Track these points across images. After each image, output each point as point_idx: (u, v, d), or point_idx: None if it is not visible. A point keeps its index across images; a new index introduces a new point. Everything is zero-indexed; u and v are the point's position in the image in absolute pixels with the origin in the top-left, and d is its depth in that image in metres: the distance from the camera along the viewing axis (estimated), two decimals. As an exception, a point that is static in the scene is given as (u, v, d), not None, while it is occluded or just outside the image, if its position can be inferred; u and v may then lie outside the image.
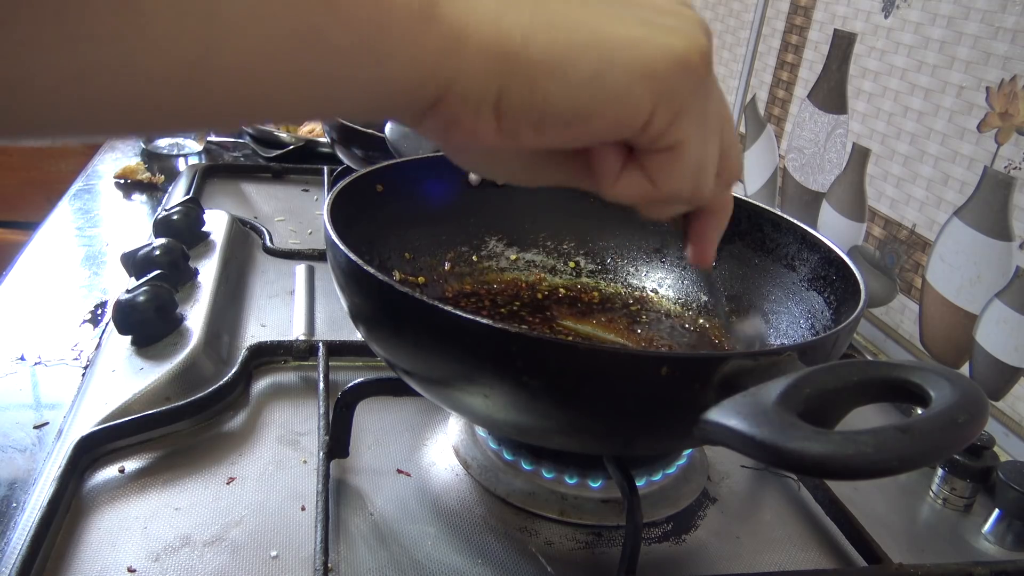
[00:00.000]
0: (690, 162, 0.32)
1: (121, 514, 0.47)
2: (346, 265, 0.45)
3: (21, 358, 0.62)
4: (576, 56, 0.28)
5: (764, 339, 0.58)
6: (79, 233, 0.85)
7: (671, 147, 0.31)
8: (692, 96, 0.30)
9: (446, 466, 0.54)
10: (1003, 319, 0.64)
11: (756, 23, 0.99)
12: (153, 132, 0.25)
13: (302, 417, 0.58)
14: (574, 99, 0.28)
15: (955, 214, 0.69)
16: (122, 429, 0.52)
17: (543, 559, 0.48)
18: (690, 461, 0.55)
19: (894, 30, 0.76)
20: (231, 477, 0.51)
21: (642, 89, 0.29)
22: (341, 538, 0.47)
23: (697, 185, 0.33)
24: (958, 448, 0.31)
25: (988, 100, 0.66)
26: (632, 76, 0.28)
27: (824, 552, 0.52)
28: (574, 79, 0.28)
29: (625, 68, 0.28)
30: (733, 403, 0.32)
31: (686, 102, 0.30)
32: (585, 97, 0.28)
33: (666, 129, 0.30)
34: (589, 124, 0.29)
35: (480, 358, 0.41)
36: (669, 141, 0.31)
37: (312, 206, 0.96)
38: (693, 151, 0.32)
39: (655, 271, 0.66)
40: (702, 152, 0.32)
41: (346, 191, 0.53)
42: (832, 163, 0.85)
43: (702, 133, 0.32)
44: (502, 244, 0.67)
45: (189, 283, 0.69)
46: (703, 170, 0.33)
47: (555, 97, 0.28)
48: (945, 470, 0.58)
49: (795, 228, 0.58)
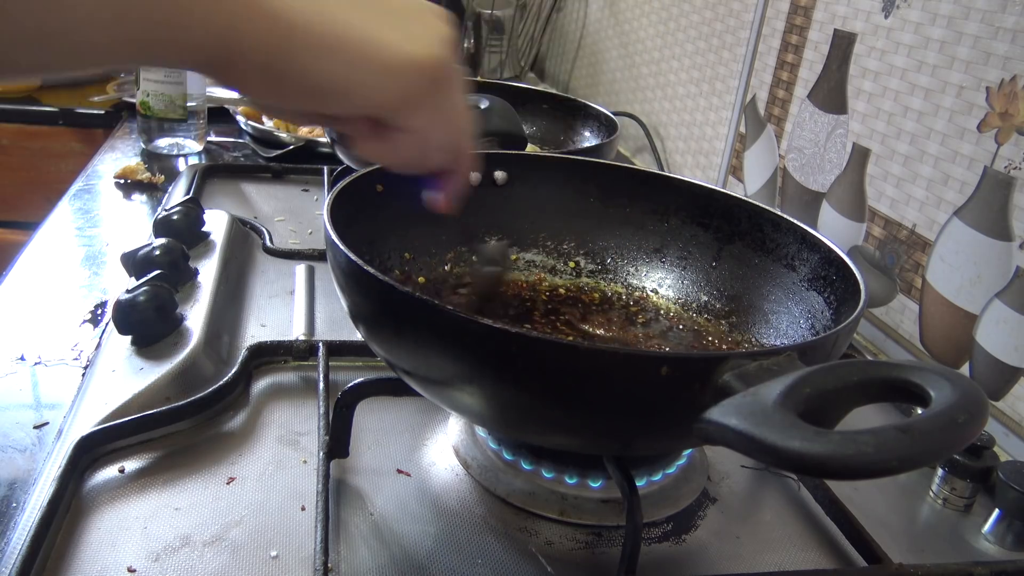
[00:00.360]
0: (419, 142, 0.42)
1: (121, 514, 0.47)
2: (346, 265, 0.45)
3: (21, 358, 0.62)
4: (340, 47, 0.36)
5: (506, 255, 0.64)
6: (79, 233, 0.85)
7: (405, 129, 0.41)
8: (427, 95, 0.40)
9: (446, 466, 0.54)
10: (1003, 319, 0.64)
11: (756, 23, 0.99)
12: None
13: (302, 417, 0.58)
14: (331, 80, 0.37)
15: (955, 214, 0.69)
16: (122, 429, 0.52)
17: (543, 559, 0.48)
18: (690, 461, 0.55)
19: (894, 30, 0.77)
20: (231, 477, 0.51)
21: (386, 81, 0.38)
22: (341, 538, 0.47)
23: (425, 159, 0.44)
24: (958, 448, 0.31)
25: (988, 100, 0.66)
26: (380, 69, 0.37)
27: (824, 552, 0.52)
28: (337, 63, 0.36)
29: (376, 63, 0.37)
30: (733, 403, 0.32)
31: (420, 97, 0.39)
32: (340, 80, 0.37)
33: (403, 116, 0.40)
34: (342, 100, 0.38)
35: (480, 358, 0.41)
36: (404, 125, 0.40)
37: (312, 206, 0.96)
38: (423, 135, 0.41)
39: (655, 271, 0.66)
40: (431, 136, 0.42)
41: (346, 191, 0.53)
42: (832, 163, 0.85)
43: (433, 122, 0.41)
44: (502, 244, 0.67)
45: (189, 283, 0.69)
46: (432, 150, 0.43)
47: (320, 74, 0.36)
48: (945, 470, 0.58)
49: (795, 228, 0.58)
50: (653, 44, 1.30)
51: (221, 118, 1.21)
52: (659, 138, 1.26)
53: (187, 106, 1.07)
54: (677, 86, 1.21)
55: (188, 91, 1.06)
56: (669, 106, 1.24)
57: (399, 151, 0.42)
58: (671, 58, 1.23)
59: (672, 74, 1.23)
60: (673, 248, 0.65)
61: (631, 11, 1.39)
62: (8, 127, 1.29)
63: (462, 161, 0.47)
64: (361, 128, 0.41)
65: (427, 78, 0.39)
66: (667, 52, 1.25)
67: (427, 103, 0.40)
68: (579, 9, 1.64)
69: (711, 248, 0.64)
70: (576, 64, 1.66)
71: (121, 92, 1.33)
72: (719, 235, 0.63)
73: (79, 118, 1.30)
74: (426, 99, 0.40)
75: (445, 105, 0.42)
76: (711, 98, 1.11)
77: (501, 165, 0.66)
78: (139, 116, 1.08)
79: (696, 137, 1.15)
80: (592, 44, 1.57)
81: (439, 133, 0.43)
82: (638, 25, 1.36)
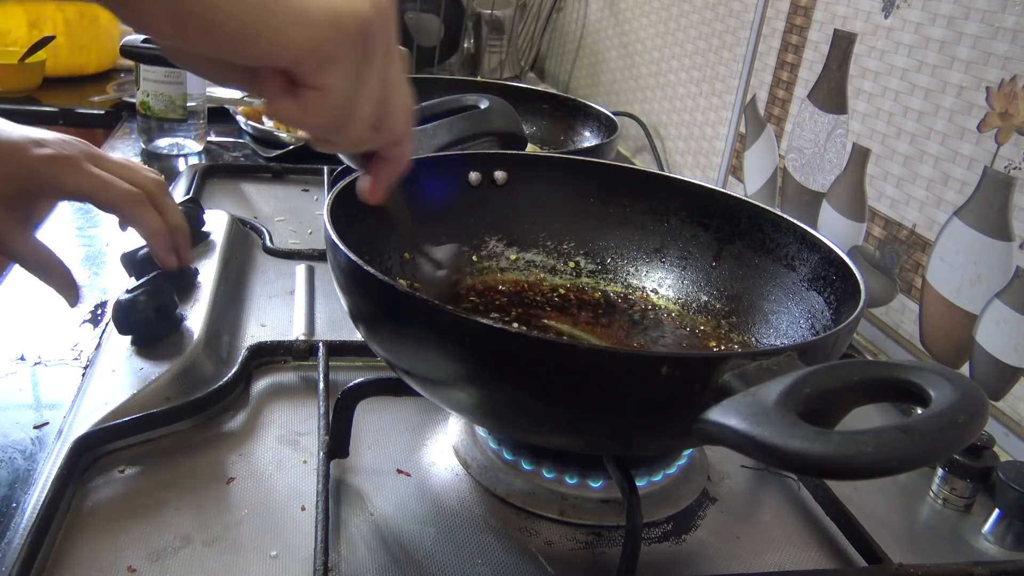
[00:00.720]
0: (334, 105, 0.38)
1: (121, 514, 0.47)
2: (346, 265, 0.45)
3: (21, 358, 0.62)
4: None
5: (451, 258, 0.62)
6: (79, 233, 0.85)
7: (318, 87, 0.37)
8: (344, 51, 0.37)
9: (446, 466, 0.54)
10: (1003, 319, 0.64)
11: (756, 23, 0.99)
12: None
13: (302, 417, 0.58)
14: (239, 21, 0.34)
15: (955, 214, 0.69)
16: (122, 429, 0.52)
17: (543, 559, 0.48)
18: (690, 461, 0.55)
19: (894, 30, 0.77)
20: (231, 477, 0.51)
21: (296, 30, 0.35)
22: (341, 538, 0.47)
23: (343, 127, 0.40)
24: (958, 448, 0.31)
25: (988, 100, 0.66)
26: (291, 17, 0.35)
27: (824, 552, 0.52)
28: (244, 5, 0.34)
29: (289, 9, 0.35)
30: (733, 403, 0.32)
31: (335, 54, 0.36)
32: (249, 22, 0.34)
33: (315, 70, 0.37)
34: (250, 46, 0.35)
35: (480, 358, 0.41)
36: (317, 82, 0.37)
37: (312, 206, 0.96)
38: (338, 97, 0.38)
39: (655, 271, 0.66)
40: (349, 101, 0.39)
41: (346, 191, 0.53)
42: (832, 163, 0.85)
43: (353, 86, 0.38)
44: (502, 244, 0.67)
45: (189, 283, 0.69)
46: (350, 116, 0.39)
47: (225, 15, 0.34)
48: (945, 470, 0.58)
49: (795, 228, 0.58)
50: (653, 44, 1.30)
51: (221, 118, 1.21)
52: (659, 138, 1.26)
53: (187, 106, 1.07)
54: (677, 86, 1.21)
55: (188, 91, 1.07)
56: (669, 106, 1.24)
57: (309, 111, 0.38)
58: (671, 58, 1.23)
59: (672, 74, 1.23)
60: (673, 248, 0.65)
61: (631, 11, 1.39)
62: (8, 127, 1.29)
63: (394, 145, 0.45)
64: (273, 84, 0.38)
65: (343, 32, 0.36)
66: (667, 52, 1.25)
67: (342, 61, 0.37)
68: (579, 9, 1.64)
69: (711, 248, 0.64)
70: (576, 64, 1.66)
71: (121, 92, 1.34)
72: (719, 235, 0.63)
73: (79, 118, 1.30)
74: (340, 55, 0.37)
75: (367, 70, 0.39)
76: (711, 98, 1.11)
77: (501, 165, 0.66)
78: (139, 116, 1.08)
79: (696, 137, 1.15)
80: (592, 44, 1.58)
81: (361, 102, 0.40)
82: (638, 25, 1.36)
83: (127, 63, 1.49)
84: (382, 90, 0.40)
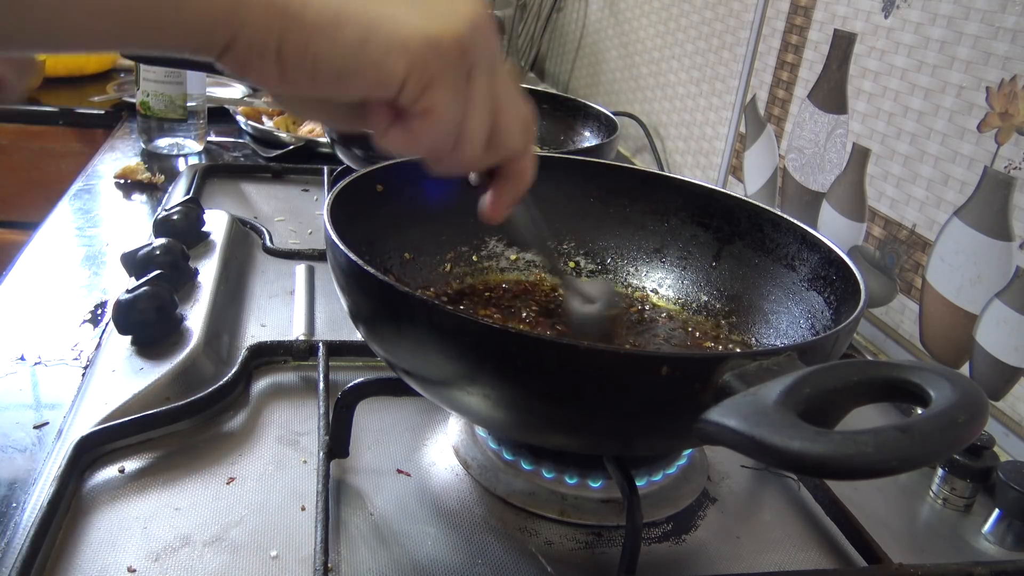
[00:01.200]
0: (442, 128, 0.38)
1: (121, 514, 0.47)
2: (346, 265, 0.45)
3: (21, 358, 0.62)
4: (344, 23, 0.33)
5: (611, 297, 0.56)
6: (79, 233, 0.85)
7: (424, 112, 0.37)
8: (444, 73, 0.36)
9: (446, 466, 0.54)
10: (1003, 319, 0.64)
11: (756, 23, 0.99)
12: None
13: (302, 417, 0.58)
14: (340, 59, 0.34)
15: (955, 214, 0.69)
16: (122, 429, 0.52)
17: (543, 559, 0.48)
18: (690, 461, 0.55)
19: (894, 30, 0.76)
20: (231, 477, 0.51)
21: (396, 59, 0.35)
22: (341, 538, 0.47)
23: (455, 148, 0.39)
24: (958, 448, 0.31)
25: (988, 100, 0.66)
26: (389, 47, 0.34)
27: (824, 552, 0.52)
28: (341, 42, 0.33)
29: (384, 40, 0.34)
30: (733, 403, 0.32)
31: (437, 76, 0.36)
32: (349, 58, 0.34)
33: (418, 96, 0.36)
34: (353, 81, 0.35)
35: (480, 358, 0.41)
36: (421, 107, 0.37)
37: (312, 206, 0.96)
38: (445, 119, 0.37)
39: (655, 271, 0.66)
40: (457, 122, 0.38)
41: (346, 191, 0.53)
42: (832, 163, 0.85)
43: (458, 106, 0.38)
44: (502, 244, 0.67)
45: (189, 283, 0.69)
46: (461, 137, 0.39)
47: (325, 55, 0.34)
48: (945, 470, 0.58)
49: (795, 228, 0.58)
50: (653, 44, 1.30)
51: (221, 118, 1.21)
52: (659, 138, 1.26)
53: (187, 106, 1.07)
54: (677, 86, 1.21)
55: (188, 91, 1.06)
56: (669, 106, 1.24)
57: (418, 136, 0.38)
58: (671, 58, 1.23)
59: (672, 74, 1.23)
60: (673, 248, 0.65)
61: (631, 11, 1.39)
62: (8, 127, 1.29)
63: (513, 161, 0.44)
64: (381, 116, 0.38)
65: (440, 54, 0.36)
66: (667, 52, 1.25)
67: (443, 82, 0.36)
68: (579, 9, 1.64)
69: (711, 248, 0.64)
70: (576, 64, 1.66)
71: (121, 92, 1.33)
72: (719, 235, 0.63)
73: (79, 118, 1.30)
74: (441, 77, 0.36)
75: (472, 89, 0.38)
76: (711, 98, 1.11)
77: (501, 165, 0.65)
78: (139, 116, 1.08)
79: (696, 137, 1.15)
80: (592, 44, 1.57)
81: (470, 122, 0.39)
82: (638, 25, 1.36)
83: (127, 63, 1.49)
84: (491, 106, 0.39)
